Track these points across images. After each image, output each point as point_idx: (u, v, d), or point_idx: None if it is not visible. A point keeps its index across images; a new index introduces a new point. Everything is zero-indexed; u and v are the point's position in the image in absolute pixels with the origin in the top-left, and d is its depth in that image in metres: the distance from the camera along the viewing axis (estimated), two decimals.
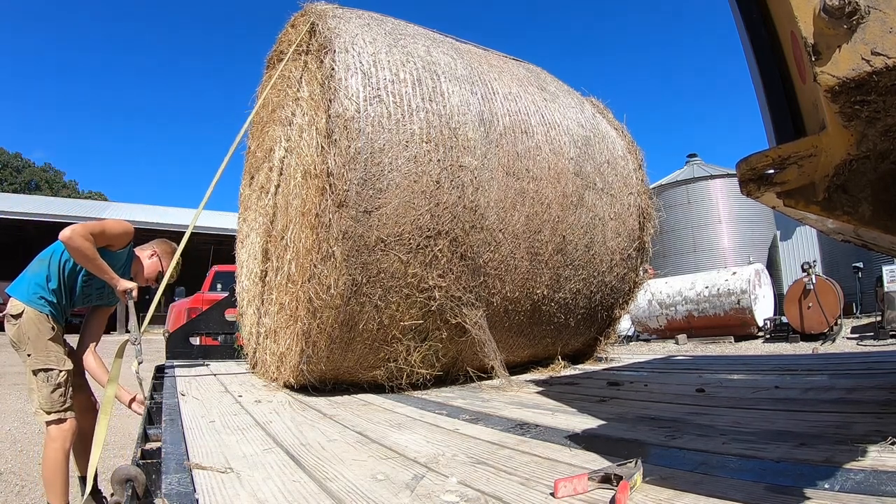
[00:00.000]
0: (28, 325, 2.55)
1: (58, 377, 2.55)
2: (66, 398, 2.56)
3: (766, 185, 0.96)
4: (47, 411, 2.52)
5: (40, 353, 2.55)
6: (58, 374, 2.56)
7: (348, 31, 2.78)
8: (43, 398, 2.52)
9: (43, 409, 2.52)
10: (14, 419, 5.35)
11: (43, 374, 2.53)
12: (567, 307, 3.49)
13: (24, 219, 20.05)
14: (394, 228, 2.55)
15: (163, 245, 3.09)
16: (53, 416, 2.52)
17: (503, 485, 1.13)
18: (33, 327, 2.55)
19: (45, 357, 2.55)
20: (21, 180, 48.57)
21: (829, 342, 9.89)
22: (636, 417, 1.85)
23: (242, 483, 1.18)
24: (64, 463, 2.50)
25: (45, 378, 2.53)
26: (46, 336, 2.57)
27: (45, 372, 2.53)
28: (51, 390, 2.52)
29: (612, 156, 3.78)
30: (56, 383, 2.54)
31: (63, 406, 2.55)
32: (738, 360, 4.45)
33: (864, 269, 12.52)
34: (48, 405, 2.52)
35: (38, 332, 2.56)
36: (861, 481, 1.00)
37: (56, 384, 2.54)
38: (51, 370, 2.54)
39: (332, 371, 2.76)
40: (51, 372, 2.54)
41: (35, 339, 2.55)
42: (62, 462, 2.49)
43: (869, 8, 0.73)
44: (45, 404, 2.52)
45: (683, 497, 0.99)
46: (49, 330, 2.60)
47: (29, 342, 2.55)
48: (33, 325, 2.55)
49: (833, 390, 2.20)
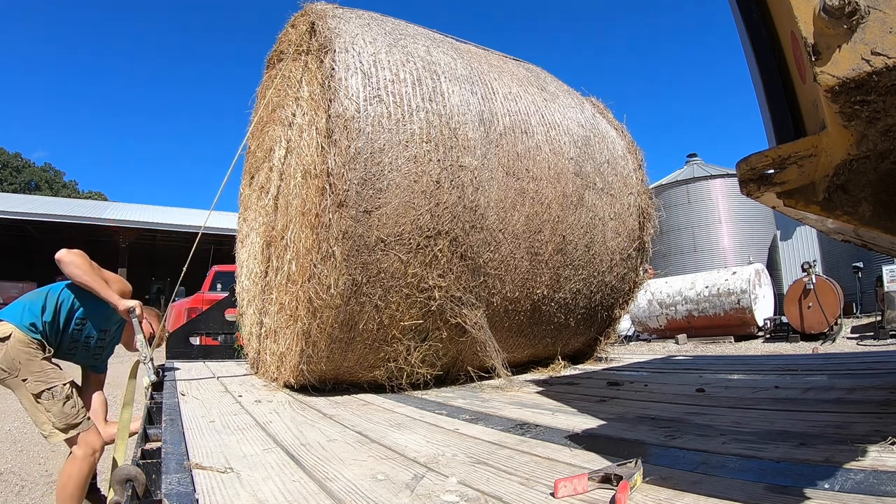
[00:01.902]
0: (15, 349, 2.40)
1: (63, 390, 2.45)
2: (78, 407, 2.47)
3: (766, 185, 0.96)
4: (64, 428, 2.40)
5: (38, 376, 2.42)
6: (62, 387, 2.46)
7: (348, 31, 2.78)
8: (55, 416, 2.40)
9: (58, 429, 2.40)
10: (14, 419, 5.34)
11: (47, 393, 2.41)
12: (567, 307, 3.49)
13: (24, 219, 20.03)
14: (394, 228, 2.55)
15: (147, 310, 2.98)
16: (73, 432, 2.42)
17: (503, 485, 1.13)
18: (22, 351, 2.41)
19: (44, 377, 2.43)
20: (21, 180, 48.55)
21: (829, 342, 9.89)
22: (636, 417, 1.85)
23: (242, 483, 1.18)
24: (85, 481, 2.39)
25: (51, 396, 2.41)
26: (39, 357, 2.46)
27: (48, 391, 2.42)
28: (62, 405, 2.42)
29: (612, 156, 3.78)
30: (65, 396, 2.44)
31: (78, 417, 2.45)
32: (738, 360, 4.45)
33: (864, 269, 12.52)
34: (63, 421, 2.40)
35: (29, 356, 2.43)
36: (861, 481, 1.00)
37: (65, 397, 2.44)
38: (53, 387, 2.43)
39: (332, 371, 2.76)
40: (54, 388, 2.43)
41: (27, 363, 2.41)
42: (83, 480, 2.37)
43: (869, 8, 0.73)
44: (59, 422, 2.40)
45: (683, 497, 0.99)
46: (39, 352, 2.48)
47: (21, 367, 2.40)
48: (22, 349, 2.42)
49: (833, 390, 2.20)
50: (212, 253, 13.16)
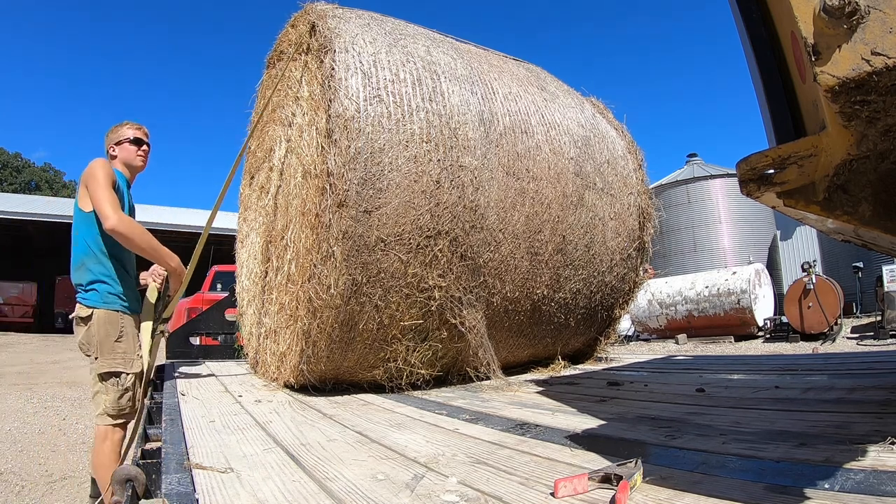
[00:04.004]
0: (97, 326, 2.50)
1: (126, 381, 2.50)
2: (134, 402, 2.51)
3: (766, 185, 0.96)
4: (115, 416, 2.47)
5: (107, 357, 2.49)
6: (126, 378, 2.51)
7: (348, 31, 2.78)
8: (108, 403, 2.47)
9: (109, 414, 2.47)
10: (14, 419, 5.34)
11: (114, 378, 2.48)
12: (567, 307, 3.49)
13: (24, 219, 20.04)
14: (394, 228, 2.55)
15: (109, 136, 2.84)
16: (120, 421, 2.49)
17: (503, 485, 1.13)
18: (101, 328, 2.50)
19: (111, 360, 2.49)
20: (21, 180, 48.55)
21: (829, 342, 9.89)
22: (636, 417, 1.85)
23: (242, 483, 1.18)
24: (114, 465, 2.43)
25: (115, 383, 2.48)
26: (113, 337, 2.51)
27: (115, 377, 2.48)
28: (118, 396, 2.47)
29: (612, 156, 3.78)
30: (123, 388, 2.49)
31: (132, 410, 2.50)
32: (738, 360, 4.45)
33: (864, 269, 12.53)
34: (116, 410, 2.47)
35: (107, 334, 2.50)
36: (861, 481, 1.00)
37: (123, 389, 2.49)
38: (119, 373, 2.49)
39: (332, 371, 2.76)
40: (119, 376, 2.49)
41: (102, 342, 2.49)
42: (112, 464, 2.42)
43: (869, 8, 0.73)
44: (111, 409, 2.47)
45: (683, 497, 0.99)
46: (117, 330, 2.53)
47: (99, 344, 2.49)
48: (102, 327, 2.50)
49: (833, 390, 2.20)
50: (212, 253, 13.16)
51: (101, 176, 2.49)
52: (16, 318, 19.56)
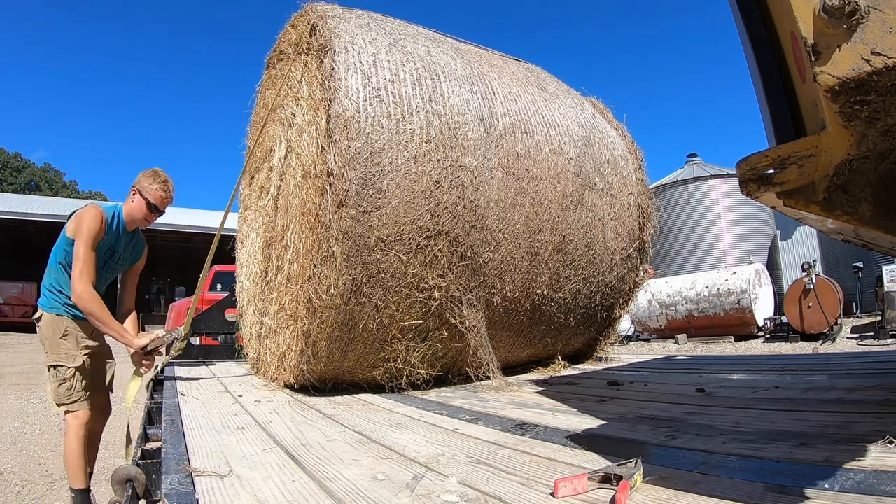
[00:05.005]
0: (45, 326, 2.81)
1: (65, 373, 2.73)
2: (72, 392, 2.73)
3: (766, 185, 0.96)
4: (57, 403, 2.74)
5: (52, 352, 2.77)
6: (65, 370, 2.74)
7: (348, 31, 2.78)
8: (52, 391, 2.76)
9: (54, 402, 2.76)
10: (14, 419, 5.34)
11: (53, 370, 2.74)
12: (567, 307, 3.48)
13: (24, 219, 20.04)
14: (394, 228, 2.55)
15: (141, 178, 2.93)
16: (63, 408, 2.73)
17: (503, 485, 1.13)
18: (48, 328, 2.79)
19: (55, 355, 2.76)
20: (21, 180, 48.55)
21: (829, 342, 9.89)
22: (636, 417, 1.85)
23: (242, 483, 1.18)
24: (78, 449, 2.69)
25: (55, 374, 2.74)
26: (58, 335, 2.78)
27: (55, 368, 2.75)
28: (57, 384, 2.72)
29: (612, 156, 3.78)
30: (62, 378, 2.73)
31: (70, 399, 2.72)
32: (738, 360, 4.45)
33: (864, 269, 12.53)
34: (56, 398, 2.74)
35: (53, 333, 2.78)
36: (861, 481, 1.00)
37: (62, 379, 2.73)
38: (59, 366, 2.74)
39: (332, 371, 2.76)
40: (59, 368, 2.74)
41: (49, 339, 2.78)
42: (76, 449, 2.68)
43: (869, 8, 0.73)
44: (54, 397, 2.75)
45: (683, 497, 0.99)
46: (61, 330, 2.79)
47: (46, 342, 2.80)
48: (49, 327, 2.80)
49: (833, 390, 2.20)
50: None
51: (88, 235, 2.68)
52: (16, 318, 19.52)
